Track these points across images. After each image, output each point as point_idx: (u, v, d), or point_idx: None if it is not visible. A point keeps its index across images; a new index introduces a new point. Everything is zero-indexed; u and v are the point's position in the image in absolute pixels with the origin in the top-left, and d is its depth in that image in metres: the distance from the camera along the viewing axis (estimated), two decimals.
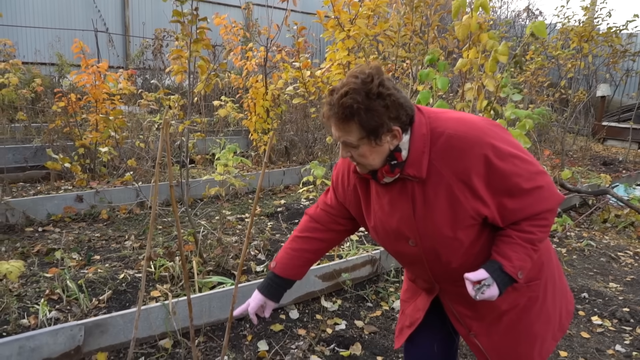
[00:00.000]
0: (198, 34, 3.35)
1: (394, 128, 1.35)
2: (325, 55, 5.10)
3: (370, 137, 1.35)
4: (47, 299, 2.86)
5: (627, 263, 4.36)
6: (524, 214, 1.41)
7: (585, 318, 3.30)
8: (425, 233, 1.45)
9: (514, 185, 1.38)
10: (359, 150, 1.39)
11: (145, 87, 9.19)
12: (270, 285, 1.73)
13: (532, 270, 1.54)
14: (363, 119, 1.32)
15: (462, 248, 1.45)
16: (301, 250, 1.73)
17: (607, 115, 12.01)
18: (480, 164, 1.36)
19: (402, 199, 1.45)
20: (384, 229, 1.54)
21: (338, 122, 1.36)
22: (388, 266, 3.59)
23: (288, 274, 1.72)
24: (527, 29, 2.30)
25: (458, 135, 1.38)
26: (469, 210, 1.39)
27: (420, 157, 1.39)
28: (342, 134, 1.38)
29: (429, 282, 1.63)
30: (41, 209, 4.28)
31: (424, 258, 1.52)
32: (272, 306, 1.74)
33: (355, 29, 4.48)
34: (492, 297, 1.39)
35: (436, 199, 1.40)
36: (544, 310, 1.59)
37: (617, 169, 8.44)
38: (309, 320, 2.99)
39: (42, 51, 9.63)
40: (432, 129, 1.40)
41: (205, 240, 3.65)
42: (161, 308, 2.63)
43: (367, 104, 1.31)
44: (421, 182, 1.41)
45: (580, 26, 7.06)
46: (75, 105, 5.31)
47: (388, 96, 1.33)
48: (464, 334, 1.65)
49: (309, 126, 7.21)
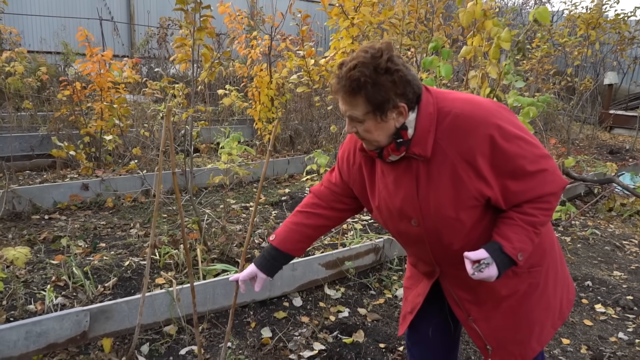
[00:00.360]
0: (202, 22, 3.35)
1: (400, 104, 1.36)
2: (329, 44, 5.08)
3: (376, 112, 1.36)
4: (54, 286, 2.90)
5: (632, 252, 4.35)
6: (526, 196, 1.41)
7: (589, 306, 3.30)
8: (428, 213, 1.45)
9: (518, 167, 1.38)
10: (364, 125, 1.39)
11: (151, 75, 9.19)
12: (264, 257, 1.72)
13: (534, 257, 1.54)
14: (369, 93, 1.33)
15: (464, 229, 1.46)
16: (302, 224, 1.72)
17: (615, 104, 11.90)
18: (486, 144, 1.36)
19: (406, 178, 1.46)
20: (387, 209, 1.54)
21: (345, 95, 1.37)
22: (391, 255, 3.60)
23: (286, 248, 1.70)
24: (530, 15, 2.28)
25: (464, 115, 1.39)
26: (472, 190, 1.39)
27: (426, 136, 1.39)
28: (349, 107, 1.39)
29: (430, 265, 1.64)
30: (47, 197, 4.32)
31: (425, 239, 1.52)
32: (264, 279, 1.72)
33: (359, 16, 4.45)
34: (491, 277, 1.39)
35: (440, 178, 1.41)
36: (544, 298, 1.59)
37: (623, 157, 8.38)
38: (312, 308, 3.01)
39: (48, 40, 9.64)
40: (439, 109, 1.41)
41: (210, 229, 3.68)
42: (166, 295, 2.66)
43: (374, 78, 1.32)
44: (426, 161, 1.42)
45: (587, 13, 6.98)
46: (81, 93, 5.33)
47: (396, 71, 1.33)
48: (463, 319, 1.65)
49: (313, 115, 7.20)
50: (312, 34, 7.89)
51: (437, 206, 1.43)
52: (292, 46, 6.58)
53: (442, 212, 1.43)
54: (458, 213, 1.42)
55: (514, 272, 1.53)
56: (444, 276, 1.63)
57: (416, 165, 1.44)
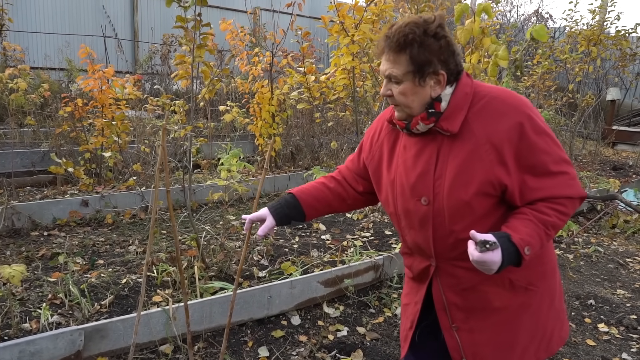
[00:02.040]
0: (202, 40, 3.36)
1: (441, 72, 1.39)
2: (330, 60, 5.10)
3: (416, 73, 1.39)
4: (50, 303, 2.88)
5: (636, 269, 4.29)
6: (543, 193, 1.39)
7: (592, 325, 3.25)
8: (440, 192, 1.44)
9: (541, 163, 1.39)
10: (401, 87, 1.41)
11: (153, 92, 9.25)
12: (278, 202, 1.75)
13: (533, 273, 1.51)
14: (415, 51, 1.37)
15: (471, 216, 1.42)
16: (323, 184, 1.78)
17: (618, 119, 11.89)
18: (515, 130, 1.37)
19: (426, 154, 1.47)
20: (401, 184, 1.53)
21: (390, 51, 1.40)
22: (391, 272, 3.56)
23: (302, 198, 1.73)
24: (527, 33, 2.28)
25: (500, 99, 1.42)
26: (491, 175, 1.38)
27: (457, 113, 1.42)
28: (390, 65, 1.41)
29: (426, 258, 1.58)
30: (47, 213, 4.31)
31: (431, 221, 1.48)
32: (270, 226, 1.71)
33: (359, 33, 4.47)
34: (493, 262, 1.32)
35: (461, 157, 1.41)
36: (533, 322, 1.54)
37: (627, 173, 8.34)
38: (311, 327, 2.98)
39: (52, 56, 9.75)
40: (475, 92, 1.44)
41: (209, 246, 3.66)
42: (162, 313, 2.63)
43: (422, 39, 1.37)
44: (451, 138, 1.43)
45: (588, 29, 7.00)
46: (82, 110, 5.35)
47: (444, 37, 1.39)
48: (445, 326, 1.58)
49: (314, 131, 7.21)
50: (314, 50, 7.93)
51: (451, 186, 1.42)
52: (293, 62, 6.62)
53: (455, 193, 1.42)
54: (471, 197, 1.40)
55: (511, 284, 1.49)
56: (438, 274, 1.56)
57: (440, 141, 1.45)
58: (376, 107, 5.71)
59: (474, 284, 1.50)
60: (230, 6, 12.25)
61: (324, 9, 11.53)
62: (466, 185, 1.40)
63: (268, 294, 2.96)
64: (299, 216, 1.74)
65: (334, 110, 6.25)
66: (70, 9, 10.36)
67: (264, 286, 2.98)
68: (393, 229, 4.56)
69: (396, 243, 4.23)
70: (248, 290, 2.90)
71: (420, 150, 1.49)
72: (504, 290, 1.50)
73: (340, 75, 4.86)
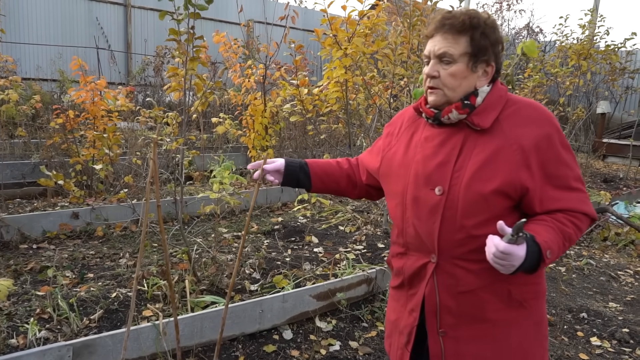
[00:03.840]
0: (195, 52, 3.36)
1: (491, 63, 1.45)
2: (323, 73, 5.12)
3: (472, 57, 1.42)
4: (38, 318, 2.83)
5: (627, 282, 4.30)
6: (563, 204, 1.41)
7: (584, 339, 3.25)
8: (458, 183, 1.42)
9: (563, 177, 1.41)
10: (453, 68, 1.43)
11: (146, 104, 9.24)
12: (294, 160, 1.83)
13: (529, 291, 1.48)
14: (476, 36, 1.41)
15: (486, 213, 1.40)
16: (336, 162, 1.86)
17: (608, 132, 12.00)
18: (545, 139, 1.40)
19: (450, 144, 1.47)
20: (415, 172, 1.51)
21: (450, 31, 1.42)
22: (384, 285, 3.55)
23: (312, 167, 1.81)
24: (518, 48, 2.30)
25: (532, 107, 1.46)
26: (514, 176, 1.38)
27: (490, 110, 1.45)
28: (448, 44, 1.42)
29: (426, 254, 1.51)
30: (36, 225, 4.26)
31: (441, 211, 1.44)
32: (279, 167, 1.79)
33: (352, 47, 4.49)
34: (517, 257, 1.28)
35: (486, 152, 1.41)
36: (518, 343, 1.50)
37: (617, 185, 8.40)
38: (303, 341, 2.95)
39: (44, 67, 9.72)
40: (508, 98, 1.49)
41: (200, 259, 3.63)
42: (152, 328, 2.60)
43: (484, 28, 1.42)
44: (478, 133, 1.44)
45: (578, 44, 7.09)
46: (74, 121, 5.32)
47: (499, 32, 1.46)
48: (432, 330, 1.52)
49: (307, 143, 7.22)
50: (307, 62, 7.97)
51: (472, 178, 1.40)
52: (286, 75, 6.64)
53: (474, 186, 1.40)
54: (489, 193, 1.39)
55: (509, 295, 1.45)
56: (436, 273, 1.49)
57: (466, 135, 1.46)
58: (369, 120, 5.73)
59: (473, 288, 1.46)
60: (223, 18, 12.31)
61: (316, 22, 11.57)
62: (488, 180, 1.39)
63: (260, 308, 2.93)
64: (306, 181, 1.81)
65: (326, 123, 6.26)
66: (63, 20, 10.34)
67: (256, 300, 2.95)
68: (386, 242, 4.55)
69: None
70: (240, 305, 2.87)
71: (444, 140, 1.48)
72: (500, 302, 1.47)
73: (333, 88, 4.87)
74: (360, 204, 5.83)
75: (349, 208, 5.57)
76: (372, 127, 5.38)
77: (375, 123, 5.45)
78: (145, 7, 11.41)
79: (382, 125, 5.96)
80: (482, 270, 1.43)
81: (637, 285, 4.24)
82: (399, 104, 5.67)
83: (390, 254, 1.71)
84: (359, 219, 5.19)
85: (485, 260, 1.37)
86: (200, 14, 3.20)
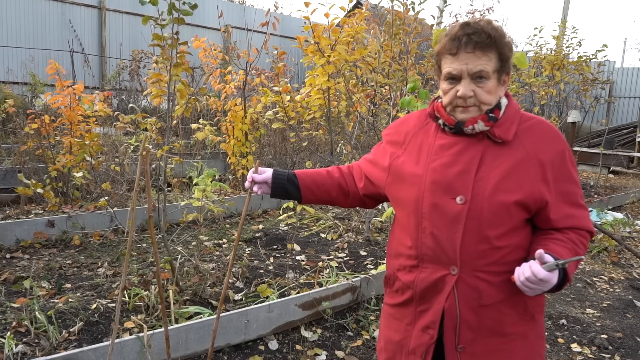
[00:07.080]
0: (178, 58, 3.31)
1: (509, 71, 1.46)
2: (304, 79, 5.10)
3: (500, 70, 1.42)
4: (14, 332, 2.73)
5: (603, 288, 4.40)
6: (574, 222, 1.44)
7: (565, 345, 3.30)
8: (481, 192, 1.40)
9: (573, 193, 1.45)
10: (489, 85, 1.41)
11: (122, 108, 9.08)
12: (282, 171, 1.78)
13: (538, 304, 1.51)
14: (501, 47, 1.40)
15: (508, 224, 1.40)
16: (327, 172, 1.80)
17: (578, 141, 12.33)
18: (559, 156, 1.44)
19: (469, 154, 1.45)
20: (433, 180, 1.46)
21: (479, 47, 1.38)
22: (368, 294, 3.54)
23: (301, 178, 1.76)
24: None
25: (546, 124, 1.49)
26: (535, 189, 1.40)
27: (510, 123, 1.46)
28: (482, 62, 1.39)
29: (445, 265, 1.45)
30: (9, 234, 4.13)
31: (463, 221, 1.41)
32: (266, 178, 1.75)
33: (335, 54, 4.50)
34: (551, 284, 1.31)
35: (507, 164, 1.42)
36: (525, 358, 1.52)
37: (589, 193, 8.61)
38: (289, 351, 2.92)
39: (15, 70, 9.46)
40: (521, 113, 1.51)
41: (182, 268, 3.56)
42: (136, 341, 2.53)
43: (503, 35, 1.41)
44: (497, 145, 1.45)
45: (552, 55, 7.26)
46: (49, 127, 5.19)
47: (509, 39, 1.44)
48: (450, 347, 1.47)
49: (287, 149, 7.19)
50: (287, 69, 7.95)
51: (495, 188, 1.40)
52: (267, 81, 6.61)
53: (498, 196, 1.40)
54: (512, 204, 1.40)
55: (525, 309, 1.47)
56: (456, 286, 1.44)
57: (485, 146, 1.45)
58: (350, 127, 5.74)
59: (494, 301, 1.43)
60: (201, 23, 12.22)
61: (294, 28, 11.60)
62: (511, 191, 1.40)
63: (246, 318, 2.89)
64: (296, 193, 1.77)
65: (307, 130, 6.26)
66: (35, 22, 10.11)
67: (242, 310, 2.91)
68: (368, 249, 4.56)
69: (371, 264, 4.23)
70: (225, 315, 2.82)
71: (463, 149, 1.46)
72: (517, 314, 1.47)
73: (315, 95, 4.87)
74: (341, 211, 5.83)
75: (330, 215, 5.56)
76: (353, 134, 5.39)
77: (356, 130, 5.46)
78: (120, 11, 11.25)
79: (362, 132, 5.98)
80: (502, 283, 1.43)
81: (612, 292, 4.34)
82: (379, 111, 5.71)
83: (393, 268, 1.61)
84: (340, 226, 5.18)
85: (505, 273, 1.40)
86: (184, 20, 3.17)
